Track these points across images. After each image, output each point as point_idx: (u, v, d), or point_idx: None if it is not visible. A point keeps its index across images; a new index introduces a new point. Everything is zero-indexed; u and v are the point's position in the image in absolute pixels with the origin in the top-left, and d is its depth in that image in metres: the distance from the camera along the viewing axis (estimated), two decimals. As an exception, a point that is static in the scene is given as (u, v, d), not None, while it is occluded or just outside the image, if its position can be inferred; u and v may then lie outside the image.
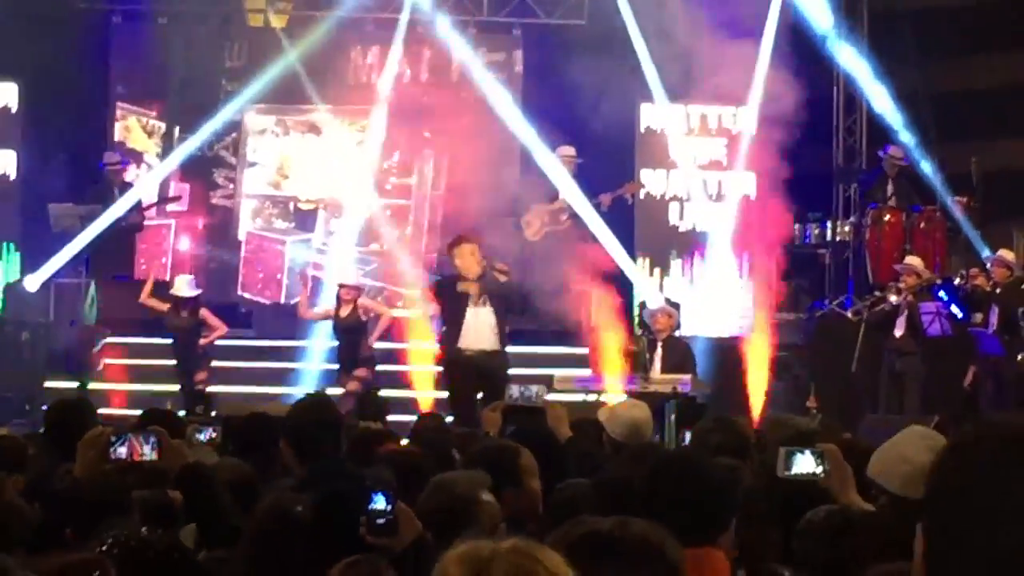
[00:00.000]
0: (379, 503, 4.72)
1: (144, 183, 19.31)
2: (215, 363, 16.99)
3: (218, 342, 17.10)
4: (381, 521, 4.71)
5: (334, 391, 15.99)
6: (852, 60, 19.94)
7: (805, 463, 5.50)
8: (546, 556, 2.72)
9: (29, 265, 18.41)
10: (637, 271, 18.96)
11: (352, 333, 16.57)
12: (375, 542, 4.68)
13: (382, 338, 17.00)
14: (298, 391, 16.18)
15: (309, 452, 6.30)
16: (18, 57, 18.55)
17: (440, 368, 15.53)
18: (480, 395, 13.58)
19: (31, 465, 7.15)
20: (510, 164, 19.64)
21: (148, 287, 17.05)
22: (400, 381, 16.95)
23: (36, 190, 18.66)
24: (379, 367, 16.69)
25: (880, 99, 19.60)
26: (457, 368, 14.50)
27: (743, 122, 19.67)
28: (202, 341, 16.80)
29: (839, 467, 5.52)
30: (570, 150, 18.66)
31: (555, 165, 18.60)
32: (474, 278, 14.56)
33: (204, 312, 16.88)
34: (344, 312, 16.63)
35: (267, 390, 16.80)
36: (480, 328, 14.51)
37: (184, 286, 16.88)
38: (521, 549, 2.70)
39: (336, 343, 16.95)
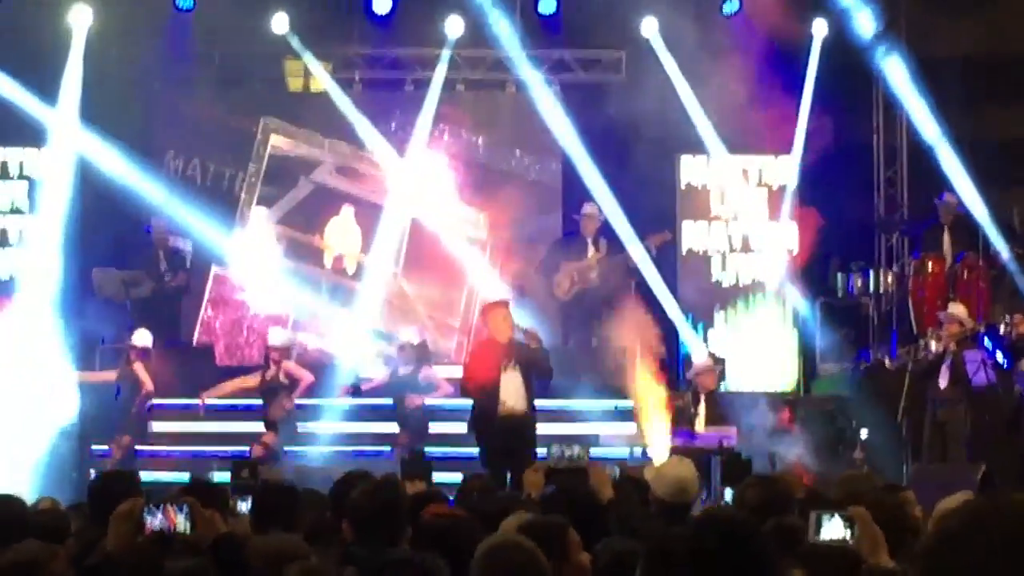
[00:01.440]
0: None
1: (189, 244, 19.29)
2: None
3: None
4: None
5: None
6: (894, 108, 19.93)
7: (834, 528, 5.45)
8: None
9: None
10: (681, 323, 18.91)
11: (275, 394, 16.72)
12: None
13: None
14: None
15: (368, 535, 6.35)
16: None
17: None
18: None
19: (79, 537, 7.12)
20: (553, 220, 19.72)
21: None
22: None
23: (80, 254, 18.62)
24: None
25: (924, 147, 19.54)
26: (491, 430, 14.66)
27: (784, 174, 19.61)
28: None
29: (868, 530, 5.49)
30: (594, 208, 18.66)
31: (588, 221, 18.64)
32: (505, 341, 14.81)
33: (137, 365, 16.74)
34: (270, 374, 16.83)
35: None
36: (510, 391, 14.72)
37: (139, 337, 16.85)
38: None
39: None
